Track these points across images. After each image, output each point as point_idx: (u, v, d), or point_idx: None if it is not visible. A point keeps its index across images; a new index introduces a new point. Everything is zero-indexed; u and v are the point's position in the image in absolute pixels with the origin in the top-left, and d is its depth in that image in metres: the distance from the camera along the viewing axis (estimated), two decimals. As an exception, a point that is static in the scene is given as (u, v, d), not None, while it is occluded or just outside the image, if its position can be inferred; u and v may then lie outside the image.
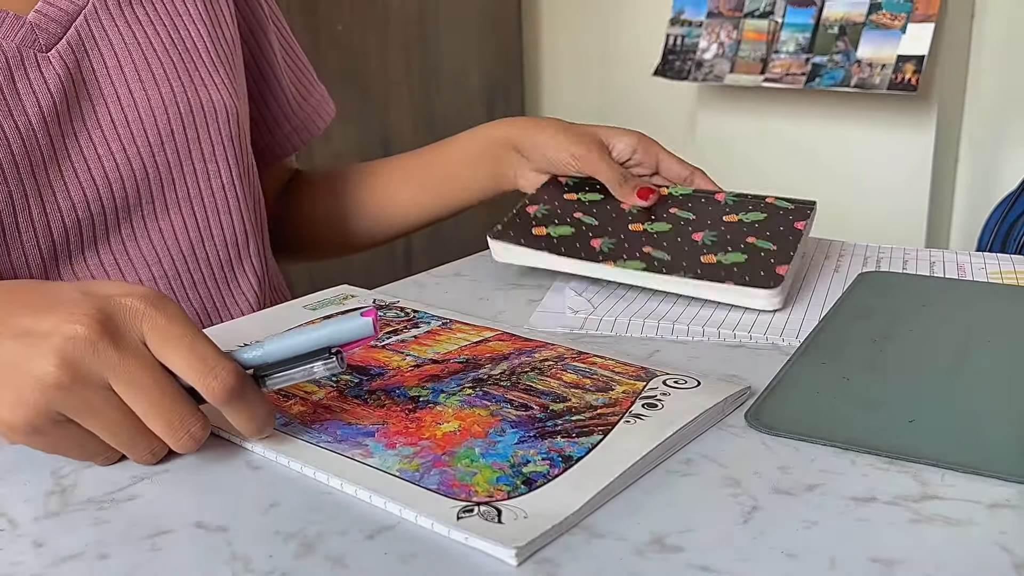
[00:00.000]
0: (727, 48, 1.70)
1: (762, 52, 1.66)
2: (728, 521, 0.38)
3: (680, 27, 1.78)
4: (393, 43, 1.93)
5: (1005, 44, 1.67)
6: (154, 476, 0.44)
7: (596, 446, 0.43)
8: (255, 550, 0.38)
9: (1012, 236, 1.33)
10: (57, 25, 0.62)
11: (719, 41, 1.71)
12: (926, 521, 0.38)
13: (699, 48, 1.74)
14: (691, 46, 1.76)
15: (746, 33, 1.69)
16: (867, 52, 1.55)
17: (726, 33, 1.70)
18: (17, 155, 0.60)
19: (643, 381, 0.50)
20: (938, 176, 1.66)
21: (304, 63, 0.86)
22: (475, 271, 0.74)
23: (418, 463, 0.43)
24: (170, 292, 0.69)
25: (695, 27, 1.76)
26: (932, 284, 0.66)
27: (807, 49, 1.61)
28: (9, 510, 0.41)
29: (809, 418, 0.47)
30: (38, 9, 0.61)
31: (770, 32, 1.67)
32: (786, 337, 0.58)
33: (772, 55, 1.64)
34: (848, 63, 1.56)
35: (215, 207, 0.70)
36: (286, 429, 0.47)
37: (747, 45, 1.68)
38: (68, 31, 0.62)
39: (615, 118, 2.22)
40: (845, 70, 1.56)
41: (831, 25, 1.60)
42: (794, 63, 1.61)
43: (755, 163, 1.80)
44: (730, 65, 1.69)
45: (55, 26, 0.62)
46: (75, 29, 0.63)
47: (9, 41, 0.60)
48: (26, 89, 0.60)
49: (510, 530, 0.37)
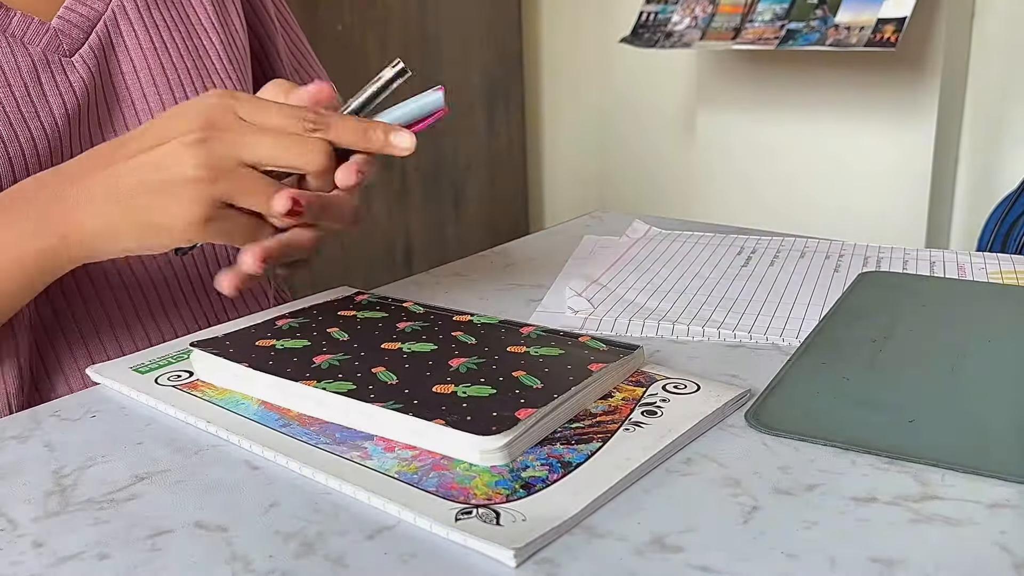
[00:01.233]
0: (700, 21, 1.69)
1: (736, 23, 1.65)
2: (728, 521, 0.38)
3: (655, 4, 1.79)
4: (393, 43, 1.93)
5: (1005, 44, 1.67)
6: (154, 476, 0.44)
7: (595, 453, 0.43)
8: (255, 550, 0.38)
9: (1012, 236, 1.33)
10: (79, 30, 0.64)
11: (693, 15, 1.70)
12: (926, 521, 0.38)
13: (671, 21, 1.74)
14: (663, 20, 1.76)
15: (721, 7, 1.69)
16: (846, 17, 1.54)
17: (701, 8, 1.70)
18: (42, 155, 0.62)
19: (642, 387, 0.50)
20: (938, 176, 1.66)
21: (313, 67, 0.87)
22: (475, 271, 0.74)
23: (416, 466, 0.43)
24: (179, 291, 0.69)
25: (671, 4, 1.76)
26: (932, 284, 0.66)
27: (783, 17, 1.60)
28: (9, 510, 0.41)
29: (809, 418, 0.47)
30: (61, 15, 0.63)
31: (747, 5, 1.66)
32: (786, 337, 0.58)
33: (746, 24, 1.63)
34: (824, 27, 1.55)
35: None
36: (286, 430, 0.47)
37: (721, 17, 1.68)
38: (90, 36, 0.64)
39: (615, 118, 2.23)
40: (821, 33, 1.54)
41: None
42: (768, 29, 1.60)
43: (756, 164, 1.80)
44: (701, 34, 1.68)
45: (77, 31, 0.63)
46: (96, 34, 0.64)
47: (35, 46, 0.61)
48: (52, 91, 0.62)
49: (509, 532, 0.37)
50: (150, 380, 0.53)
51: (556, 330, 0.56)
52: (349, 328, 0.57)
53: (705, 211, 1.86)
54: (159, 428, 0.49)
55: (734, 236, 0.80)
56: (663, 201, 2.16)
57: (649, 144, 2.18)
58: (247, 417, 0.48)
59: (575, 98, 2.29)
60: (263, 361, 0.52)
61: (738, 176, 1.82)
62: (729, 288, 0.67)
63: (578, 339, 0.54)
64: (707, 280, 0.69)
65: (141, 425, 0.49)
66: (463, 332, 0.56)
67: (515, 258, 0.78)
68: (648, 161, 2.19)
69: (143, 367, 0.55)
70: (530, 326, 0.57)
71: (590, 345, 0.53)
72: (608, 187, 2.30)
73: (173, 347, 0.59)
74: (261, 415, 0.48)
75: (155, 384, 0.53)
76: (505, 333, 0.55)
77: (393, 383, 0.49)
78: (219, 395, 0.51)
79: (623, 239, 0.81)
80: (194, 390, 0.52)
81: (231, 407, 0.50)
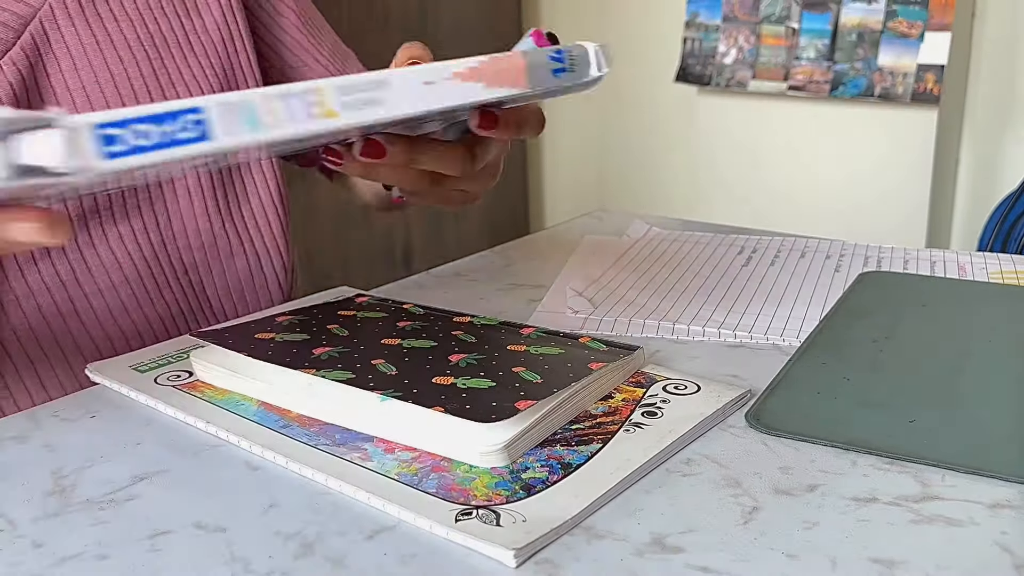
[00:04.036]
0: (747, 53, 1.70)
1: (783, 58, 1.66)
2: (728, 521, 0.38)
3: (696, 31, 1.78)
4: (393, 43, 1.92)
5: (1006, 45, 1.67)
6: (154, 476, 0.44)
7: (595, 454, 0.43)
8: (254, 550, 0.38)
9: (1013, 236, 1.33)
10: (10, 30, 0.60)
11: (738, 46, 1.71)
12: (926, 521, 0.38)
13: (718, 52, 1.74)
14: (709, 50, 1.76)
15: (764, 38, 1.69)
16: (888, 60, 1.56)
17: (744, 38, 1.70)
18: None
19: (643, 388, 0.50)
20: (939, 176, 1.66)
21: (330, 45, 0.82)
22: (475, 271, 0.74)
23: (416, 467, 0.43)
24: (133, 298, 0.66)
25: (711, 31, 1.76)
26: (932, 284, 0.66)
27: (827, 56, 1.61)
28: (9, 510, 0.41)
29: (809, 418, 0.47)
30: None
31: (788, 37, 1.67)
32: (786, 337, 0.58)
33: (793, 61, 1.64)
34: (870, 71, 1.56)
35: (178, 211, 0.67)
36: (285, 431, 0.47)
37: (767, 50, 1.68)
38: (22, 36, 0.60)
39: (615, 117, 2.23)
40: (868, 79, 1.56)
41: (849, 32, 1.60)
42: (816, 70, 1.61)
43: (756, 163, 1.80)
44: (751, 71, 1.69)
45: (8, 31, 0.59)
46: (29, 33, 0.60)
47: None
48: None
49: (508, 533, 0.37)
50: (149, 380, 0.53)
51: (556, 331, 0.55)
52: (349, 326, 0.57)
53: (705, 211, 1.86)
54: (159, 428, 0.49)
55: (734, 236, 0.80)
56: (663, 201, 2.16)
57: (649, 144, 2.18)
58: (247, 418, 0.48)
59: (575, 98, 2.29)
60: (262, 351, 0.52)
61: (738, 176, 1.82)
62: (729, 288, 0.67)
63: (578, 340, 0.54)
64: (707, 280, 0.69)
65: (141, 425, 0.49)
66: (463, 331, 0.56)
67: (515, 258, 0.78)
68: (648, 161, 2.19)
69: (142, 366, 0.55)
70: (530, 327, 0.56)
71: (590, 346, 0.53)
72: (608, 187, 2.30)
73: (172, 346, 0.59)
74: (261, 416, 0.48)
75: (154, 384, 0.53)
76: (505, 333, 0.55)
77: (392, 374, 0.48)
78: (219, 395, 0.51)
79: (623, 239, 0.81)
80: (194, 390, 0.52)
81: (231, 407, 0.49)
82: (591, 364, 0.49)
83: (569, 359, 0.50)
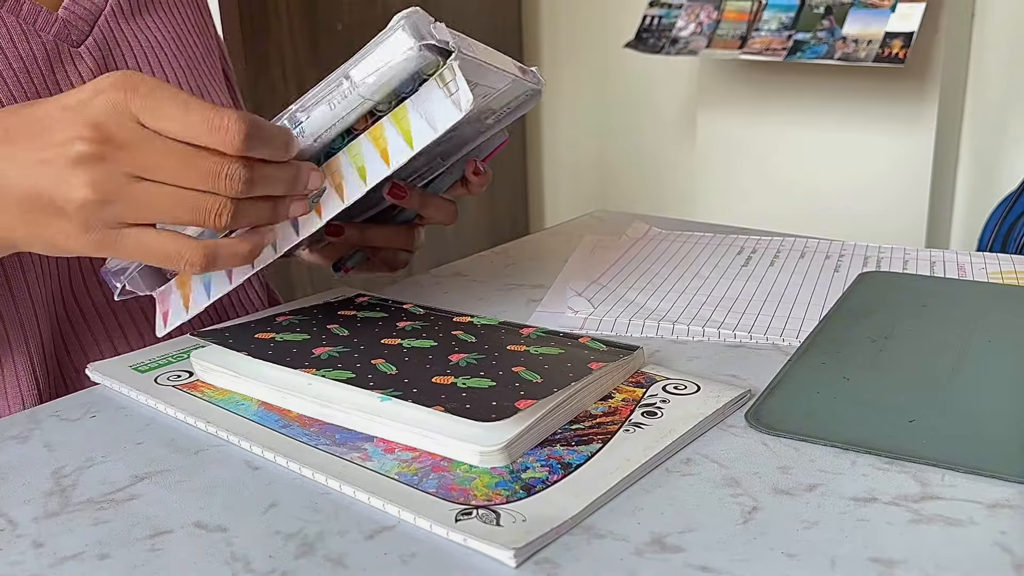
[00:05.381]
0: (705, 27, 1.69)
1: (742, 31, 1.64)
2: (728, 521, 0.38)
3: (659, 8, 1.78)
4: (393, 43, 1.92)
5: (1005, 44, 1.67)
6: (154, 476, 0.44)
7: (595, 454, 0.43)
8: (255, 550, 0.38)
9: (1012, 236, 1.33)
10: (84, 22, 0.64)
11: (698, 21, 1.70)
12: (926, 521, 0.38)
13: (676, 27, 1.73)
14: (667, 25, 1.75)
15: (727, 14, 1.68)
16: (853, 30, 1.54)
17: (706, 14, 1.69)
18: None
19: (643, 388, 0.50)
20: (938, 176, 1.66)
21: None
22: (475, 271, 0.74)
23: (416, 467, 0.43)
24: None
25: (675, 8, 1.76)
26: (932, 284, 0.66)
27: (790, 27, 1.60)
28: (9, 510, 0.41)
29: (809, 418, 0.47)
30: (66, 6, 0.64)
31: (752, 12, 1.65)
32: (786, 337, 0.58)
33: (752, 33, 1.63)
34: (832, 39, 1.54)
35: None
36: (285, 431, 0.47)
37: (727, 24, 1.67)
38: (93, 29, 0.65)
39: (616, 117, 2.23)
40: (828, 45, 1.54)
41: (816, 5, 1.59)
42: (775, 40, 1.60)
43: (756, 162, 1.80)
44: (707, 42, 1.68)
45: (82, 23, 0.64)
46: (98, 28, 0.65)
47: (46, 34, 0.62)
48: (65, 81, 0.62)
49: (509, 533, 0.37)
50: (149, 379, 0.53)
51: (556, 331, 0.55)
52: (349, 326, 0.57)
53: (705, 211, 1.86)
54: (159, 428, 0.49)
55: (734, 236, 0.80)
56: (663, 201, 2.16)
57: (649, 144, 2.18)
58: (247, 418, 0.48)
59: (575, 98, 2.29)
60: (262, 351, 0.52)
61: (738, 176, 1.82)
62: (729, 288, 0.67)
63: (578, 340, 0.54)
64: (707, 280, 0.69)
65: (141, 425, 0.49)
66: (463, 331, 0.56)
67: (515, 258, 0.78)
68: (648, 161, 2.19)
69: (142, 366, 0.55)
70: (530, 327, 0.56)
71: (590, 346, 0.53)
72: (608, 187, 2.30)
73: (172, 346, 0.59)
74: (261, 416, 0.48)
75: (154, 383, 0.53)
76: (505, 333, 0.55)
77: (392, 373, 0.48)
78: (219, 396, 0.51)
79: (623, 239, 0.81)
80: (194, 390, 0.52)
81: (231, 408, 0.49)
82: (591, 364, 0.49)
83: (569, 359, 0.50)
